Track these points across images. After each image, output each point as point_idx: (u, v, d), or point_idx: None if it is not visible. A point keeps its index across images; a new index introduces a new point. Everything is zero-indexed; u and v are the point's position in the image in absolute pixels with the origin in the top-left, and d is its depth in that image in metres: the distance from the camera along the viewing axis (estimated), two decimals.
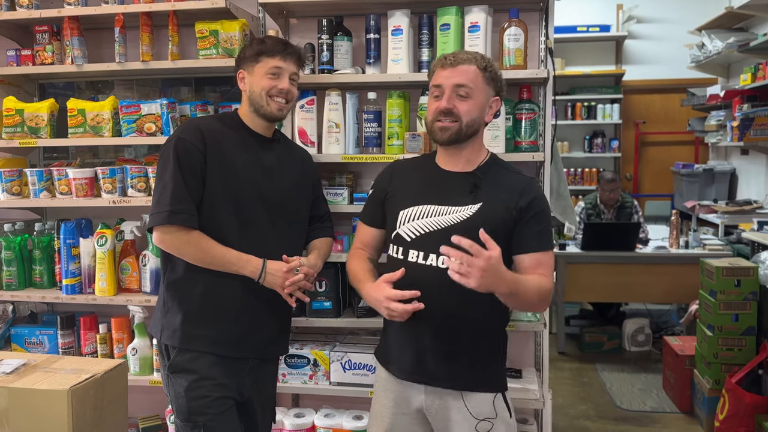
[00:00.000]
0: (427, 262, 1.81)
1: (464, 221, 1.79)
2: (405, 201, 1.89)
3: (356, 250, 2.05)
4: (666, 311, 5.63)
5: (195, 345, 1.99)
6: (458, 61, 1.82)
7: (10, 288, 2.72)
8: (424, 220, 1.83)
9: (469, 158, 1.88)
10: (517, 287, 1.69)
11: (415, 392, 1.86)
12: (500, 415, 1.83)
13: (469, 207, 1.81)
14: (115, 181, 2.59)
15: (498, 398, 1.85)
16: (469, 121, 1.81)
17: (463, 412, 1.81)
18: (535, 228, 1.81)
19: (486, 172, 1.87)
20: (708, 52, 5.55)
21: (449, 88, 1.81)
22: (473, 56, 1.84)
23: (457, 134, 1.82)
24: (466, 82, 1.80)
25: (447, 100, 1.81)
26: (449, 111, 1.80)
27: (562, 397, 4.09)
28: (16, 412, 1.69)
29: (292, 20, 2.74)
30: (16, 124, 2.67)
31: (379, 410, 1.94)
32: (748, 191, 5.59)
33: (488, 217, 1.78)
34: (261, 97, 2.02)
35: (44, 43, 2.68)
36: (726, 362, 3.50)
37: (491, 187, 1.83)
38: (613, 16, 6.87)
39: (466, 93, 1.81)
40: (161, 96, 2.81)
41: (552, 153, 2.46)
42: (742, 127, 4.92)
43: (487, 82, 1.84)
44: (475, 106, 1.82)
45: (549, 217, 1.89)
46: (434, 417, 1.86)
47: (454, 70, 1.81)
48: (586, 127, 7.08)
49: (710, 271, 3.61)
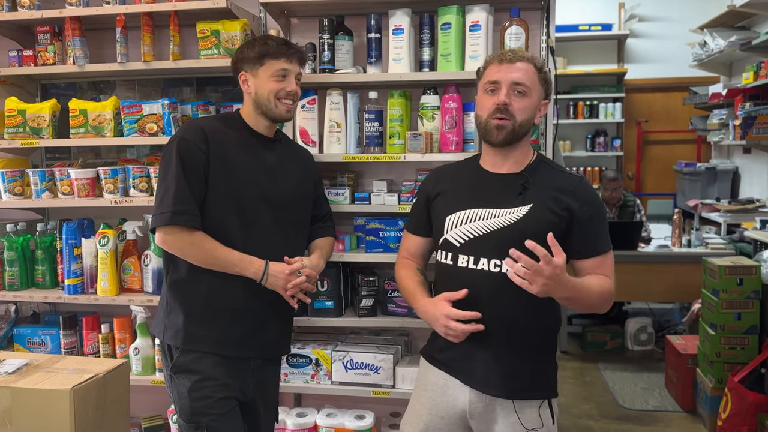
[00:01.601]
0: (477, 267, 1.76)
1: (514, 224, 1.74)
2: (451, 206, 1.84)
3: (404, 260, 2.00)
4: (669, 310, 5.61)
5: (198, 345, 1.99)
6: (516, 57, 1.78)
7: (13, 288, 2.73)
8: (473, 224, 1.78)
9: (517, 159, 1.83)
10: (578, 293, 1.67)
11: (461, 394, 1.80)
12: (545, 423, 1.78)
13: (518, 209, 1.75)
14: (116, 181, 2.60)
15: (544, 405, 1.78)
16: (522, 120, 1.77)
17: (513, 420, 1.75)
18: (592, 230, 1.77)
19: (534, 173, 1.81)
20: (710, 51, 5.54)
21: (507, 84, 1.76)
22: (530, 56, 1.82)
23: (512, 133, 1.77)
24: (525, 80, 1.76)
25: (506, 94, 1.75)
26: (505, 107, 1.75)
27: (565, 397, 4.08)
28: (18, 411, 1.70)
29: (293, 20, 2.74)
30: (18, 125, 2.68)
31: (417, 409, 1.88)
32: (751, 190, 5.57)
33: (539, 219, 1.73)
34: (269, 101, 2.02)
35: (46, 43, 2.68)
36: (729, 361, 3.49)
37: (540, 188, 1.78)
38: (615, 15, 6.85)
39: (524, 91, 1.76)
40: (163, 96, 2.81)
41: (553, 152, 2.46)
42: (745, 125, 4.91)
43: (541, 83, 1.81)
44: (531, 105, 1.78)
45: (604, 217, 1.83)
46: (478, 421, 1.79)
47: (512, 66, 1.77)
48: (588, 126, 7.06)
49: (713, 269, 3.61)
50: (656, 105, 7.12)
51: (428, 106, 2.45)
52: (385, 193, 2.51)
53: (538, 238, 1.57)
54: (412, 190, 2.46)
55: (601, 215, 1.81)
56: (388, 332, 2.73)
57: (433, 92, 2.45)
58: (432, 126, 2.45)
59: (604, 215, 1.83)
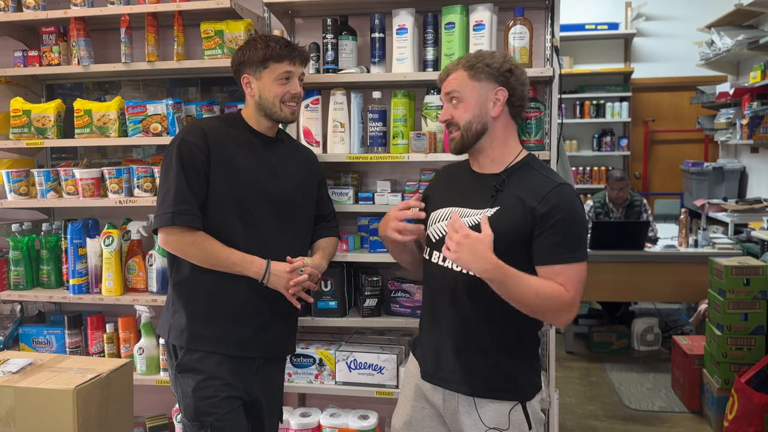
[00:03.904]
0: (446, 264, 1.79)
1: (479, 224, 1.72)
2: (437, 203, 1.88)
3: None
4: (675, 310, 5.60)
5: (202, 345, 2.00)
6: (447, 72, 1.82)
7: (18, 288, 2.74)
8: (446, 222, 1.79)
9: (493, 158, 1.82)
10: (507, 278, 1.60)
11: (434, 391, 1.84)
12: (514, 425, 1.75)
13: (487, 210, 1.75)
14: (121, 181, 2.60)
15: (516, 408, 1.75)
16: (465, 123, 1.78)
17: (474, 418, 1.77)
18: (553, 238, 1.67)
19: (513, 174, 1.80)
20: (717, 50, 5.51)
21: (444, 99, 1.83)
22: (462, 60, 1.81)
23: (462, 140, 1.80)
24: (453, 87, 1.79)
25: (444, 111, 1.83)
26: (448, 122, 1.81)
27: (570, 397, 4.07)
28: (22, 411, 1.71)
29: (297, 20, 2.74)
30: (23, 125, 2.69)
31: (402, 400, 1.94)
32: (759, 189, 5.54)
33: (503, 221, 1.71)
34: (274, 104, 2.02)
35: (51, 43, 2.69)
36: (735, 362, 3.48)
37: (513, 190, 1.76)
38: (621, 14, 6.82)
39: (457, 97, 1.79)
40: (168, 96, 2.82)
41: (558, 151, 2.44)
42: (752, 124, 4.89)
43: (476, 79, 1.77)
44: (467, 107, 1.78)
45: (575, 226, 1.70)
46: (449, 418, 1.83)
47: (445, 82, 1.82)
48: (594, 126, 7.04)
49: (719, 270, 3.59)
50: (663, 104, 7.09)
51: (432, 105, 2.44)
52: (389, 192, 2.51)
53: (503, 239, 1.64)
54: (415, 190, 2.46)
55: (570, 224, 1.69)
56: (392, 332, 2.73)
57: (436, 92, 2.44)
58: (436, 126, 2.44)
59: (575, 225, 1.70)
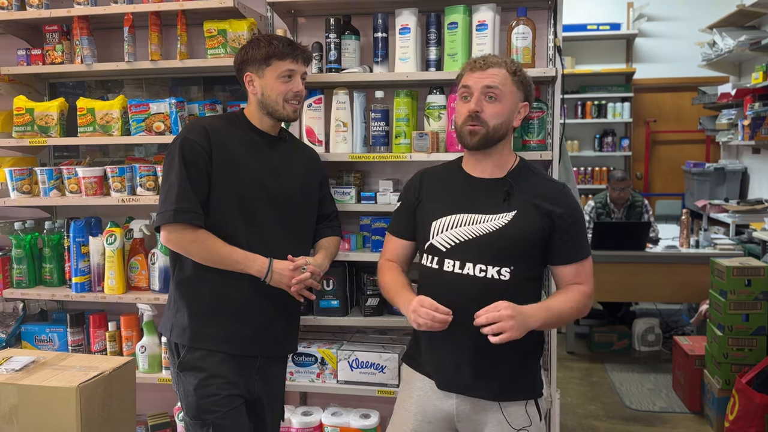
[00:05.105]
0: (463, 272, 1.78)
1: (499, 230, 1.77)
2: (437, 211, 1.86)
3: (387, 263, 2.00)
4: (676, 311, 5.59)
5: (204, 343, 2.00)
6: (488, 64, 1.80)
7: (21, 286, 2.75)
8: (459, 230, 1.80)
9: (498, 163, 1.86)
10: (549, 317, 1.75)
11: (446, 399, 1.83)
12: (533, 421, 1.82)
13: (503, 215, 1.78)
14: (124, 179, 2.61)
15: (530, 404, 1.83)
16: (496, 125, 1.79)
17: (502, 422, 1.79)
18: (572, 237, 1.82)
19: (517, 178, 1.84)
20: (719, 51, 5.51)
21: (478, 90, 1.79)
22: (503, 60, 1.83)
23: (485, 138, 1.79)
24: (496, 84, 1.78)
25: (476, 102, 1.78)
26: (477, 114, 1.78)
27: (571, 397, 4.07)
28: (25, 408, 1.71)
29: (300, 19, 2.74)
30: (26, 123, 2.69)
31: (402, 415, 1.91)
32: (760, 190, 5.54)
33: (524, 226, 1.77)
34: (276, 102, 2.02)
35: (54, 42, 2.69)
36: (736, 362, 3.48)
37: (524, 194, 1.81)
38: (623, 15, 6.82)
39: (495, 95, 1.78)
40: (171, 95, 2.82)
41: (560, 152, 2.45)
42: (754, 125, 4.89)
43: (516, 86, 1.81)
44: (504, 109, 1.80)
45: (583, 223, 1.88)
46: (465, 423, 1.82)
47: (483, 72, 1.79)
48: (596, 126, 7.04)
49: (720, 270, 3.59)
50: (665, 105, 7.09)
51: (434, 105, 2.44)
52: (391, 192, 2.51)
53: (522, 244, 1.76)
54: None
55: (580, 222, 1.85)
56: (394, 331, 2.73)
57: (439, 92, 2.45)
58: (438, 125, 2.44)
59: (583, 222, 1.87)
